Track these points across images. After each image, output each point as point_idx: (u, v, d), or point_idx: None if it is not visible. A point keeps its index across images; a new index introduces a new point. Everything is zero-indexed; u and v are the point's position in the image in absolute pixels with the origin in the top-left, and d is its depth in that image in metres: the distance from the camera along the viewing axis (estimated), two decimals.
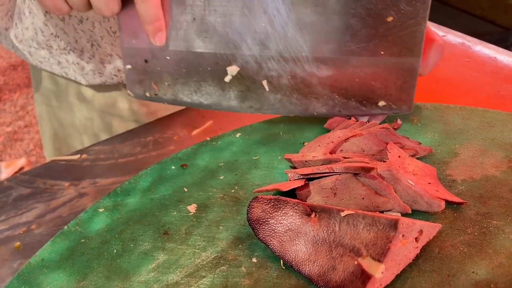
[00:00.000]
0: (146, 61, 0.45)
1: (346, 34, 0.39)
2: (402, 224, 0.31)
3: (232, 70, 0.43)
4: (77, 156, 0.52)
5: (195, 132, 0.52)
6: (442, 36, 0.63)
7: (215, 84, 0.44)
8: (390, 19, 0.38)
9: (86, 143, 0.63)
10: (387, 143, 0.39)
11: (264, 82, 0.43)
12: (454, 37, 0.63)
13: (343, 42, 0.40)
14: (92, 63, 0.55)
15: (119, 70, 0.55)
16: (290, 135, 0.46)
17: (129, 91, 0.47)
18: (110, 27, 0.53)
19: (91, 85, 0.58)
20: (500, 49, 0.59)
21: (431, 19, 0.41)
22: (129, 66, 0.46)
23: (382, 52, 0.40)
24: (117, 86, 0.58)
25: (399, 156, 0.38)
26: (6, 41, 0.59)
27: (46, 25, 0.53)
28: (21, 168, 1.96)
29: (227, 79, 0.44)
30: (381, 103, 0.42)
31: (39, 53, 0.56)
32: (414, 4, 0.37)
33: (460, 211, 0.35)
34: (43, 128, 0.68)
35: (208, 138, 0.48)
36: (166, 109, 0.59)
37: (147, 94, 0.46)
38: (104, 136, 0.62)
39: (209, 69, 0.43)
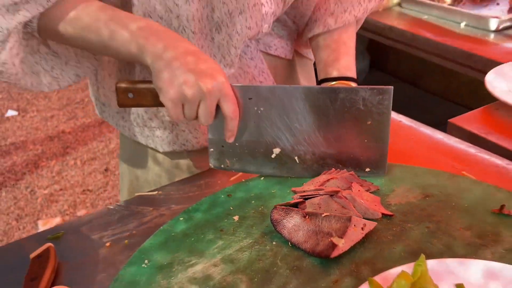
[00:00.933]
0: (222, 146, 0.74)
1: (343, 135, 0.69)
2: (354, 219, 0.58)
3: (276, 150, 0.73)
4: (155, 192, 0.80)
5: (232, 178, 0.80)
6: (399, 121, 0.93)
7: (265, 159, 0.73)
8: (369, 122, 0.68)
9: None
10: (351, 183, 0.67)
11: (296, 158, 0.72)
12: (406, 121, 0.92)
13: (341, 136, 0.69)
14: (170, 137, 0.84)
15: (187, 141, 0.84)
16: (295, 179, 0.74)
17: (210, 164, 0.76)
18: None
19: (164, 152, 0.87)
20: (436, 130, 0.88)
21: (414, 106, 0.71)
22: (211, 149, 0.75)
23: (366, 140, 0.69)
24: (182, 152, 0.87)
25: (359, 190, 0.66)
26: (110, 117, 0.88)
27: (147, 112, 0.83)
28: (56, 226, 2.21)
29: (273, 156, 0.73)
30: (367, 169, 0.71)
31: (134, 129, 0.85)
32: (381, 116, 0.67)
33: (390, 219, 0.62)
34: (123, 181, 0.96)
35: (243, 180, 0.76)
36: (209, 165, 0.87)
37: (222, 166, 0.75)
38: None
39: (262, 150, 0.73)
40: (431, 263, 0.52)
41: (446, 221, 0.62)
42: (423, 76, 2.30)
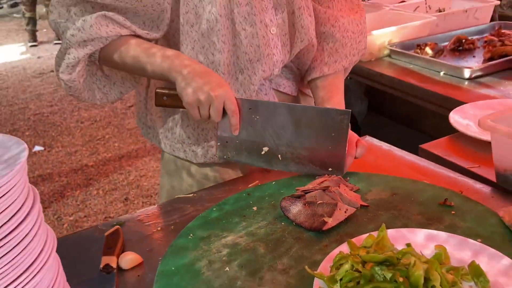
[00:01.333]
0: (226, 142, 1.00)
1: (314, 141, 0.95)
2: (339, 205, 0.82)
3: (265, 149, 0.98)
4: (191, 195, 1.05)
5: (250, 185, 1.05)
6: (366, 140, 1.18)
7: (257, 154, 0.98)
8: (333, 134, 0.94)
9: None
10: (340, 184, 0.92)
11: (279, 156, 0.98)
12: (385, 147, 1.18)
13: (312, 142, 0.95)
14: (202, 151, 1.09)
15: (214, 155, 1.09)
16: (298, 182, 0.99)
17: (216, 154, 1.01)
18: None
19: (197, 163, 1.12)
20: (408, 153, 1.13)
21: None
22: (219, 143, 1.00)
23: (329, 147, 0.95)
24: (210, 164, 1.12)
25: (344, 189, 0.91)
26: (154, 137, 1.15)
27: (185, 132, 1.09)
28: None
29: (262, 153, 0.98)
30: (330, 169, 0.96)
31: (175, 145, 1.11)
32: (341, 130, 0.93)
33: (366, 209, 0.87)
34: (162, 191, 1.21)
35: (259, 184, 1.01)
36: (232, 176, 1.12)
37: (225, 157, 1.01)
38: None
39: (254, 147, 0.98)
40: (390, 231, 0.76)
41: (406, 210, 0.86)
42: (414, 117, 2.57)
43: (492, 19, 2.49)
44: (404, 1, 2.73)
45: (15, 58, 6.05)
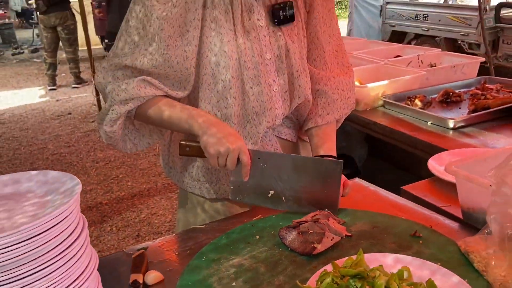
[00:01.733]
0: (238, 186, 1.19)
1: (312, 186, 1.14)
2: (327, 233, 1.00)
3: (271, 192, 1.17)
4: (204, 226, 1.23)
5: (254, 218, 1.23)
6: (356, 182, 1.36)
7: (264, 197, 1.17)
8: (328, 180, 1.13)
9: None
10: (329, 218, 1.10)
11: (283, 198, 1.16)
12: (372, 188, 1.36)
13: (310, 187, 1.14)
14: (214, 188, 1.28)
15: (225, 191, 1.28)
16: (295, 216, 1.17)
17: (230, 196, 1.20)
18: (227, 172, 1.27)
19: (209, 199, 1.31)
20: (391, 193, 1.31)
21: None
22: (232, 187, 1.19)
23: (325, 191, 1.14)
24: (221, 200, 1.31)
25: (332, 222, 1.09)
26: (175, 176, 1.34)
27: (201, 171, 1.29)
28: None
29: (269, 195, 1.17)
30: (326, 209, 1.14)
31: (192, 183, 1.30)
32: (335, 177, 1.13)
33: (350, 238, 1.05)
34: (178, 224, 1.39)
35: (261, 217, 1.19)
36: (238, 210, 1.30)
37: (237, 198, 1.19)
38: None
39: (262, 191, 1.17)
40: (366, 255, 0.93)
41: (382, 239, 1.04)
42: (409, 161, 2.75)
43: (487, 72, 2.71)
44: (399, 56, 2.99)
45: (35, 100, 6.38)
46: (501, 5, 5.46)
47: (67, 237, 0.87)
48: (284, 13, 1.18)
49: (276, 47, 1.20)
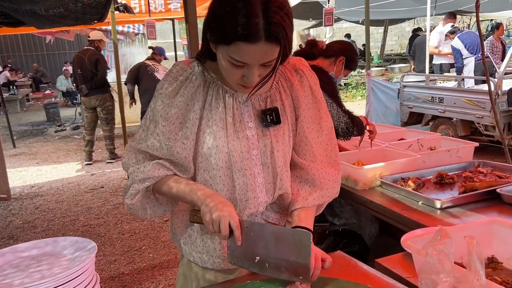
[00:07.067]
0: (233, 250, 1.39)
1: (289, 256, 1.33)
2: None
3: (258, 258, 1.37)
4: None
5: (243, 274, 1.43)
6: (338, 254, 1.54)
7: (253, 262, 1.37)
8: (301, 250, 1.33)
9: None
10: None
11: (267, 264, 1.36)
12: (345, 256, 1.54)
13: (287, 256, 1.33)
14: (214, 258, 1.49)
15: (218, 263, 1.48)
16: (278, 281, 1.36)
17: (228, 260, 1.40)
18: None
19: (209, 268, 1.52)
20: (366, 265, 1.49)
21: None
22: (228, 252, 1.40)
23: (299, 260, 1.33)
24: (212, 270, 1.51)
25: None
26: (178, 243, 1.56)
27: (200, 243, 1.51)
28: None
29: (256, 261, 1.37)
30: (300, 277, 1.32)
31: (190, 251, 1.52)
32: (305, 247, 1.33)
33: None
34: (178, 280, 1.60)
35: (249, 282, 1.38)
36: (229, 277, 1.50)
37: (233, 262, 1.39)
38: None
39: (251, 257, 1.37)
40: None
41: None
42: None
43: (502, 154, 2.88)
44: (403, 139, 3.22)
45: (71, 175, 6.84)
46: None
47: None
48: (272, 117, 1.44)
49: (262, 145, 1.45)
